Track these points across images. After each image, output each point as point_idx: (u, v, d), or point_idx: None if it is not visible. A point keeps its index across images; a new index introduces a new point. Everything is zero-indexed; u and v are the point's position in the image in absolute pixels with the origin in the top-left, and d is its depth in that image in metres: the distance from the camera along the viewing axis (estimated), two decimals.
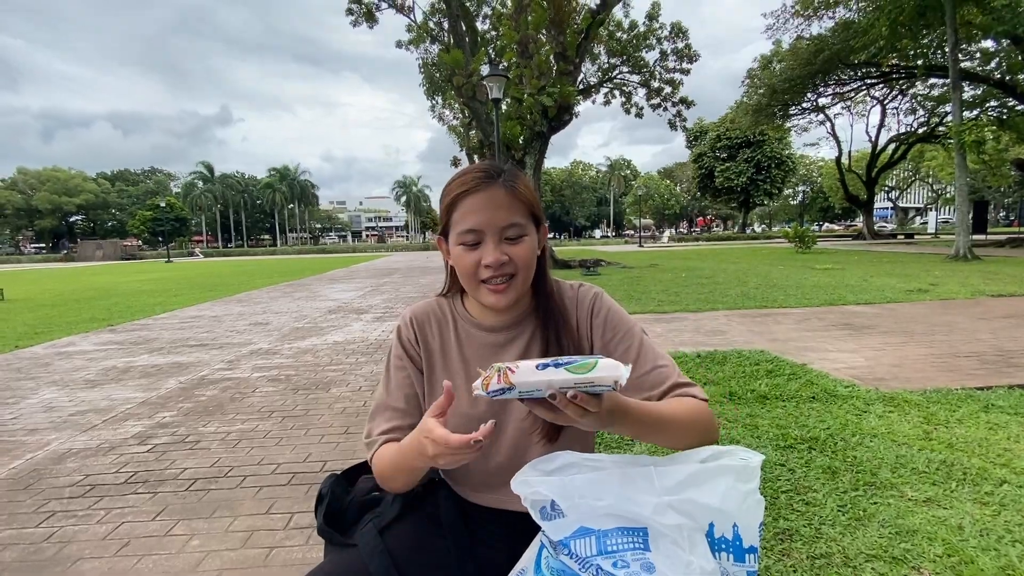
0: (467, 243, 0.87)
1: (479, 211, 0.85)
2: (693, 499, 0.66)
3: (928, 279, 9.34)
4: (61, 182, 60.93)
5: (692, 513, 0.65)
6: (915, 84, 24.20)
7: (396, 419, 0.93)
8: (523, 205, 0.87)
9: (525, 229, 0.87)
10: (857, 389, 3.27)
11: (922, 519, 1.84)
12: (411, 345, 0.97)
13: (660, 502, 0.66)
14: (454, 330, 0.98)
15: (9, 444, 2.92)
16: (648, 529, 0.66)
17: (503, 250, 0.85)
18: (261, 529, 1.98)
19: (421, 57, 20.45)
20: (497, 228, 0.85)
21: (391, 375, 0.97)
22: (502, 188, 0.86)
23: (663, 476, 0.69)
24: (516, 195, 0.86)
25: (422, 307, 1.01)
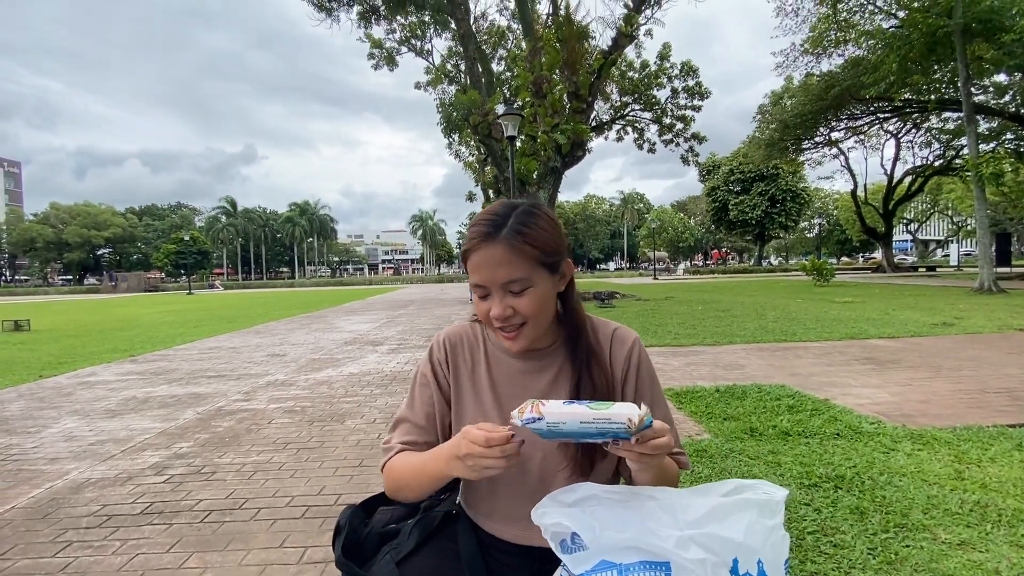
0: (478, 294, 0.90)
1: (481, 268, 0.87)
2: (716, 533, 0.65)
3: (952, 312, 9.12)
4: (91, 216, 63.29)
5: (715, 548, 0.65)
6: (929, 118, 24.26)
7: (414, 434, 0.97)
8: (528, 257, 0.86)
9: (529, 281, 0.87)
10: (883, 426, 3.17)
11: (957, 563, 1.76)
12: (441, 366, 1.00)
13: (683, 536, 0.65)
14: (484, 355, 1.00)
15: (30, 473, 2.96)
16: (671, 564, 0.65)
17: (508, 303, 0.87)
18: (275, 563, 1.96)
19: (439, 97, 21.18)
20: (498, 284, 0.86)
21: (416, 392, 1.01)
22: (501, 245, 0.85)
23: (685, 510, 0.69)
24: (518, 249, 0.85)
25: (456, 330, 1.04)
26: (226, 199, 73.56)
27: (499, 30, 19.07)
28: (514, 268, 0.86)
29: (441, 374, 1.00)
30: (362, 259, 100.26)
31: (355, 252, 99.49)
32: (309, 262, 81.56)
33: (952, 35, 13.82)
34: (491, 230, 0.86)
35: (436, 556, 0.91)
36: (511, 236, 0.86)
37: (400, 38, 16.86)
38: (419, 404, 0.99)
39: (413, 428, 0.97)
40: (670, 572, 0.65)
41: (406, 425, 0.98)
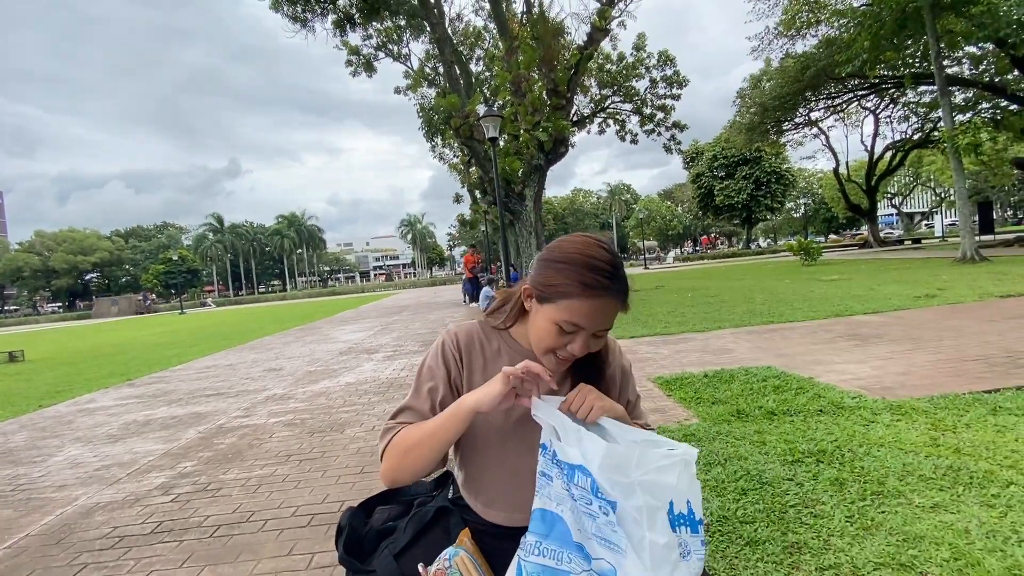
0: (563, 329, 0.93)
1: (595, 315, 0.91)
2: (657, 480, 0.75)
3: (936, 284, 9.31)
4: (77, 242, 62.68)
5: (655, 492, 0.74)
6: (905, 92, 24.55)
7: (419, 418, 1.01)
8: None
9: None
10: (864, 400, 3.30)
11: (929, 525, 1.87)
12: (453, 361, 1.04)
13: (631, 482, 0.74)
14: (496, 353, 1.07)
15: (40, 501, 3.02)
16: (617, 504, 0.74)
17: (590, 344, 0.95)
18: (284, 571, 2.04)
19: (419, 101, 21.20)
20: (598, 330, 0.94)
21: (422, 383, 1.04)
22: (615, 300, 0.92)
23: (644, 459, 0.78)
24: (623, 303, 0.94)
25: (466, 328, 1.10)
26: (213, 216, 73.11)
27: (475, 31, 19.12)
28: (614, 319, 0.95)
29: (454, 368, 1.03)
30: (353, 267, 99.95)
31: (346, 260, 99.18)
32: (300, 273, 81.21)
33: (922, 10, 14.03)
34: (612, 284, 0.91)
35: (430, 546, 1.00)
36: (625, 294, 0.94)
37: (376, 44, 16.88)
38: (425, 394, 1.02)
39: (416, 415, 1.00)
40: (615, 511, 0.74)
41: (409, 412, 1.01)
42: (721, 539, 1.92)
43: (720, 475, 2.42)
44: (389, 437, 0.98)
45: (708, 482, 2.36)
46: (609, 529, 0.72)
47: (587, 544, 0.72)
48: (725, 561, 1.78)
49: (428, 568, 0.91)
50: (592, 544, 0.72)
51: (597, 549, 0.72)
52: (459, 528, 1.03)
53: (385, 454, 0.98)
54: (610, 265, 0.91)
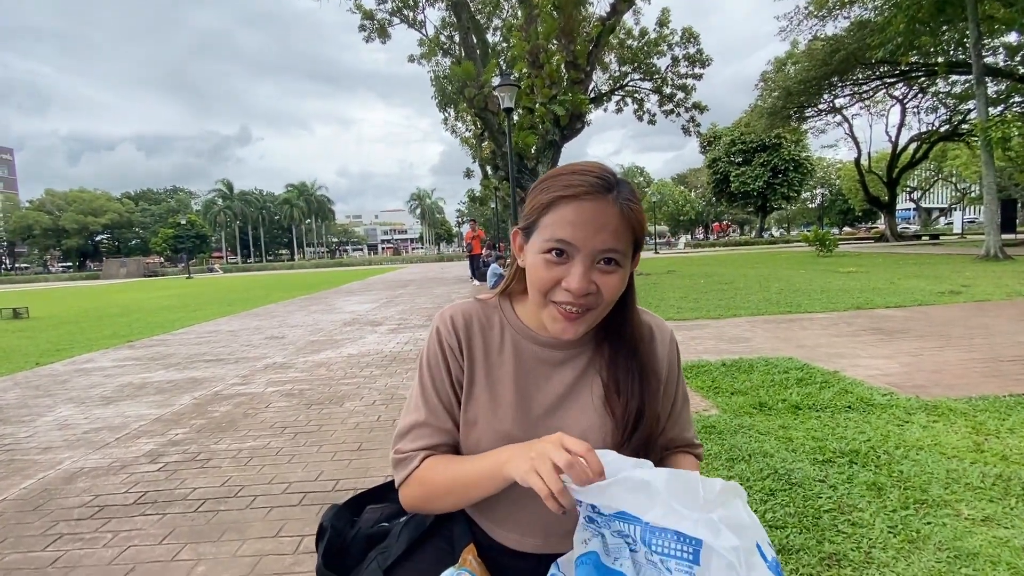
0: (553, 255, 0.74)
1: (581, 224, 0.72)
2: (735, 516, 0.57)
3: (959, 280, 9.00)
4: (87, 202, 62.82)
5: (740, 532, 0.56)
6: (936, 82, 23.68)
7: (435, 437, 0.83)
8: (631, 230, 0.76)
9: (624, 259, 0.76)
10: (896, 397, 3.09)
11: (982, 540, 1.68)
12: (452, 350, 0.85)
13: (710, 518, 0.56)
14: (500, 339, 0.86)
15: (22, 463, 2.89)
16: (703, 541, 0.56)
17: (592, 277, 0.74)
18: (270, 554, 1.89)
19: (433, 70, 20.69)
20: (594, 250, 0.73)
21: (426, 387, 0.85)
22: (615, 206, 0.73)
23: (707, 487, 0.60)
24: (627, 217, 0.74)
25: (464, 307, 0.89)
26: (222, 182, 72.90)
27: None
28: (619, 236, 0.74)
29: (453, 358, 0.85)
30: (361, 239, 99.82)
31: (354, 233, 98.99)
32: (308, 244, 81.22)
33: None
34: (602, 187, 0.73)
35: (428, 562, 0.81)
36: (624, 202, 0.74)
37: (391, 8, 16.34)
38: (433, 400, 0.84)
39: (432, 431, 0.83)
40: (699, 551, 0.57)
41: (423, 429, 0.83)
42: None
43: (745, 472, 2.23)
44: (408, 471, 0.81)
45: (731, 479, 2.18)
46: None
47: None
48: None
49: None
50: None
51: None
52: (464, 540, 0.84)
53: (405, 489, 0.82)
54: (601, 170, 0.76)
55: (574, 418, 0.82)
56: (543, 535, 0.81)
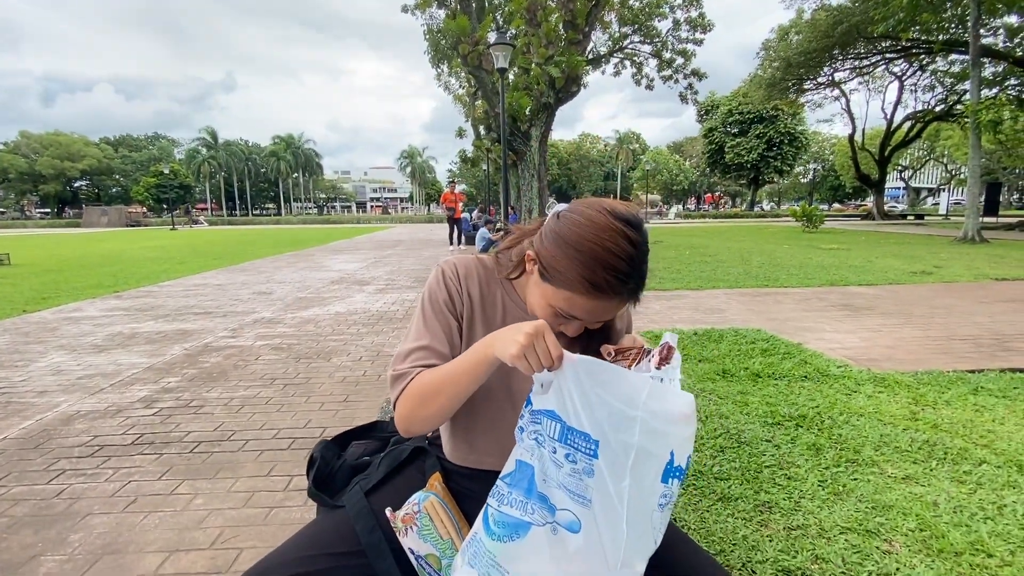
0: (559, 313, 0.84)
1: (595, 312, 0.81)
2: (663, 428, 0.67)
3: (933, 261, 9.28)
4: (63, 147, 60.63)
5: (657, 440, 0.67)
6: (935, 60, 23.49)
7: (434, 359, 0.88)
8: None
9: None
10: (850, 369, 3.31)
11: (899, 495, 1.90)
12: (455, 291, 0.93)
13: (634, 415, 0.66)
14: (496, 298, 0.97)
15: (19, 405, 3.02)
16: (600, 441, 0.66)
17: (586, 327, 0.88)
18: (262, 490, 2.06)
19: (427, 23, 19.99)
20: (598, 321, 0.86)
21: (427, 317, 0.91)
22: (624, 301, 0.82)
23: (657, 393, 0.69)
24: (635, 302, 0.84)
25: (464, 261, 0.98)
26: (206, 130, 70.48)
27: None
28: (617, 314, 0.85)
29: (457, 295, 0.93)
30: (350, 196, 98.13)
31: (342, 189, 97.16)
32: (295, 199, 79.73)
33: None
34: (622, 287, 0.78)
35: (403, 485, 0.97)
36: (636, 294, 0.82)
37: None
38: (434, 326, 0.90)
39: (430, 354, 0.88)
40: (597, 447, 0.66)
41: (421, 352, 0.88)
42: (695, 493, 1.94)
43: (700, 431, 2.44)
44: (404, 384, 0.85)
45: None
46: (575, 479, 0.67)
47: (551, 495, 0.68)
48: (697, 514, 1.81)
49: (396, 513, 0.87)
50: (557, 494, 0.68)
51: (562, 498, 0.68)
52: (432, 469, 1.00)
53: (399, 402, 0.86)
54: (628, 264, 0.77)
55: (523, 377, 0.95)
56: (500, 454, 0.96)
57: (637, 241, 0.78)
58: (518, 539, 0.68)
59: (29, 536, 1.79)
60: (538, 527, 0.68)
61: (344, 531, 0.89)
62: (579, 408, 0.68)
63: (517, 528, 0.69)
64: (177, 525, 1.83)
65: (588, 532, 0.66)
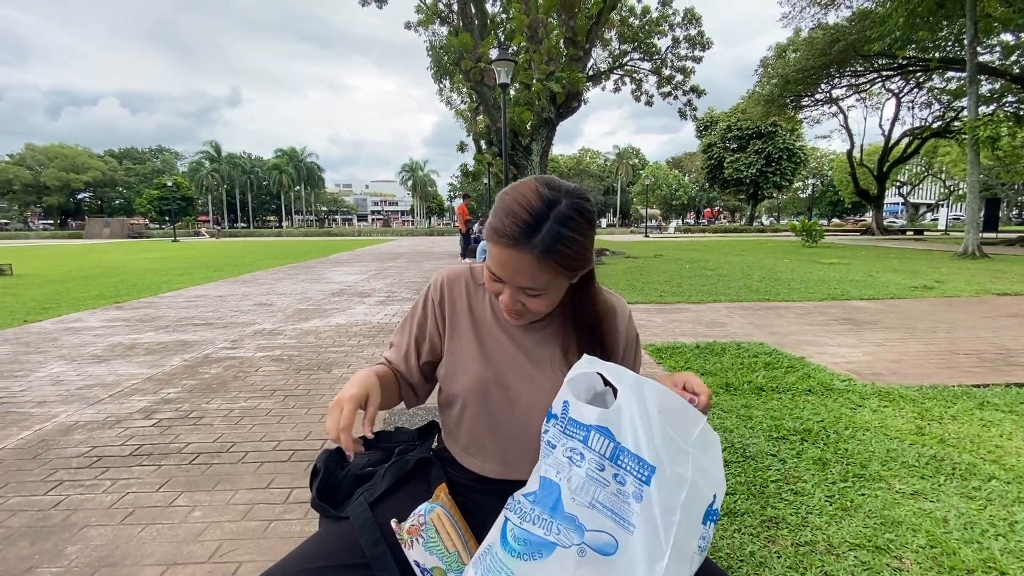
0: (491, 277, 0.87)
1: (503, 265, 0.82)
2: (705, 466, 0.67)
3: (934, 276, 9.29)
4: (68, 159, 61.10)
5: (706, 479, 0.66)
6: (932, 77, 23.78)
7: (395, 357, 1.06)
8: (552, 271, 0.82)
9: (547, 287, 0.84)
10: (854, 383, 3.29)
11: (908, 511, 1.87)
12: (433, 303, 1.03)
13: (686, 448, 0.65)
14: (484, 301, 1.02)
15: (18, 415, 2.99)
16: (658, 469, 0.64)
17: (519, 299, 0.86)
18: (261, 503, 2.03)
19: (429, 40, 20.28)
20: (515, 285, 0.84)
21: (407, 321, 1.06)
22: (529, 256, 0.79)
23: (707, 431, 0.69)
24: (546, 262, 0.80)
25: (457, 272, 1.06)
26: (210, 143, 71.13)
27: None
28: (536, 279, 0.82)
29: (432, 310, 1.03)
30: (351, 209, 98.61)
31: (344, 202, 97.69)
32: (297, 211, 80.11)
33: None
34: (523, 236, 0.78)
35: (408, 497, 0.95)
36: (543, 251, 0.79)
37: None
38: (406, 333, 1.05)
39: (396, 353, 1.06)
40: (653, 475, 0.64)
41: (393, 350, 1.07)
42: None
43: None
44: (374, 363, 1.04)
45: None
46: (620, 501, 0.65)
47: (582, 514, 0.66)
48: None
49: (402, 524, 0.86)
50: (590, 514, 0.65)
51: (597, 519, 0.65)
52: (438, 480, 0.98)
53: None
54: (528, 213, 0.78)
55: (528, 378, 0.96)
56: (502, 461, 0.96)
57: (547, 197, 0.80)
58: (540, 559, 0.66)
59: (26, 547, 1.76)
60: (563, 548, 0.66)
61: (348, 542, 0.87)
62: (639, 431, 0.65)
63: (540, 547, 0.66)
64: (175, 538, 1.81)
65: (624, 557, 0.64)
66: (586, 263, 0.87)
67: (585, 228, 0.83)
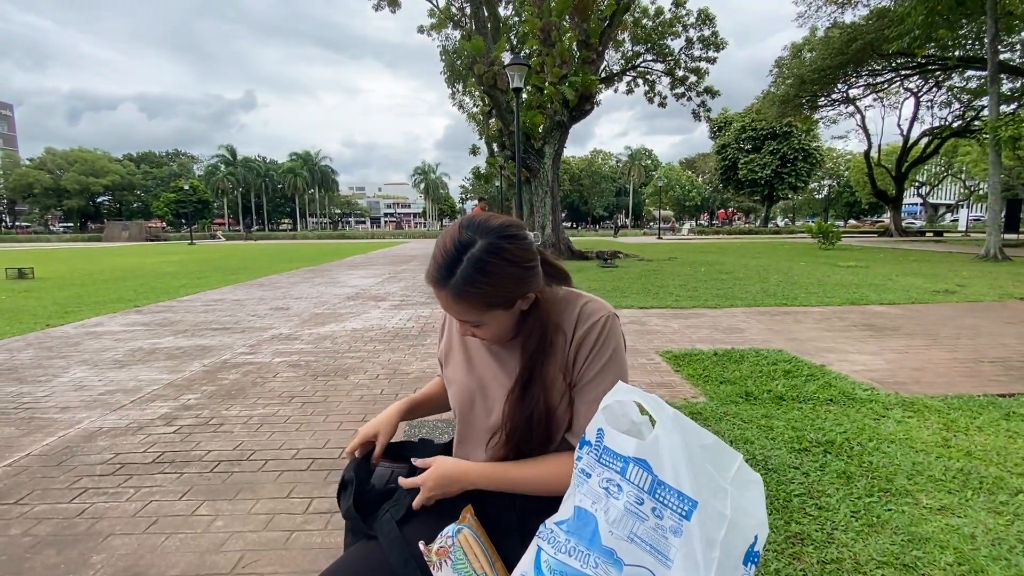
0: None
1: (439, 301, 0.88)
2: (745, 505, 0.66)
3: (955, 280, 9.10)
4: (88, 163, 62.30)
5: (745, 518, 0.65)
6: (951, 76, 23.34)
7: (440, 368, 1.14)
8: (476, 306, 0.85)
9: (484, 319, 0.87)
10: (877, 393, 3.23)
11: (935, 527, 1.83)
12: (445, 318, 1.12)
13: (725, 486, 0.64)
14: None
15: (42, 421, 3.05)
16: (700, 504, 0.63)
17: (468, 329, 0.92)
18: (282, 513, 2.05)
19: (442, 43, 20.38)
20: (455, 317, 0.91)
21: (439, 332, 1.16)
22: (447, 294, 0.84)
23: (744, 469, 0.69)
24: (465, 302, 0.84)
25: None
26: (225, 147, 72.11)
27: None
28: (465, 315, 0.87)
29: (444, 322, 1.13)
30: (364, 212, 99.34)
31: (357, 204, 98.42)
32: (311, 214, 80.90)
33: None
34: (441, 279, 0.84)
35: (434, 516, 0.95)
36: (457, 290, 0.83)
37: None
38: (439, 345, 1.14)
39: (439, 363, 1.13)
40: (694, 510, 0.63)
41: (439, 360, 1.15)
42: None
43: None
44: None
45: None
46: (658, 535, 0.64)
47: (620, 548, 0.65)
48: None
49: (430, 546, 0.86)
50: (629, 548, 0.64)
51: (635, 553, 0.64)
52: (464, 501, 0.98)
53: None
54: (445, 256, 0.84)
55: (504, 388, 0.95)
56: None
57: (462, 241, 0.84)
58: None
59: (52, 556, 1.79)
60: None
61: (374, 562, 0.88)
62: (681, 465, 0.64)
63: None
64: (198, 548, 1.83)
65: None
66: (516, 294, 0.87)
67: (502, 267, 0.83)
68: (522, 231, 0.89)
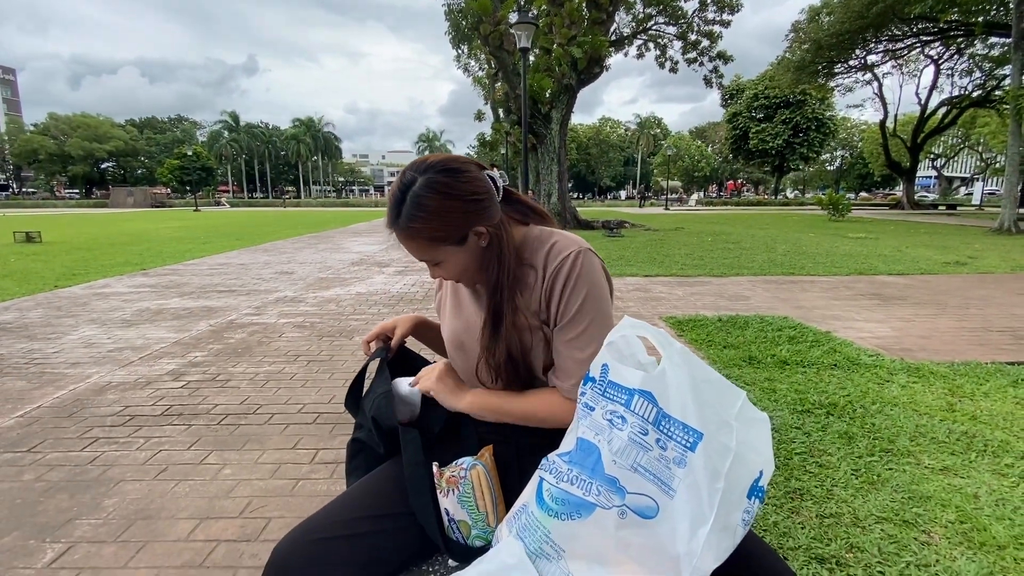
0: None
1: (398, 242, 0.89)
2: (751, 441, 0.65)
3: (967, 252, 8.97)
4: (91, 128, 61.73)
5: (749, 454, 0.65)
6: (974, 43, 22.45)
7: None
8: (424, 242, 0.86)
9: (437, 257, 0.89)
10: (882, 359, 3.22)
11: (937, 486, 1.84)
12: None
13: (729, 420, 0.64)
14: None
15: (53, 376, 3.10)
16: (705, 436, 0.62)
17: (434, 270, 0.93)
18: (288, 462, 2.08)
19: (448, 3, 19.74)
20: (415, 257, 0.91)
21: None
22: (397, 232, 0.86)
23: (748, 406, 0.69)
24: (413, 239, 0.86)
25: None
26: (228, 113, 71.15)
27: None
28: (416, 251, 0.88)
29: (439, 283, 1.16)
30: (368, 180, 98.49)
31: (360, 172, 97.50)
32: (314, 181, 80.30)
33: None
34: (391, 218, 0.86)
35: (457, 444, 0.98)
36: (403, 228, 0.85)
37: None
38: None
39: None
40: (699, 441, 0.62)
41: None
42: None
43: None
44: None
45: None
46: (662, 465, 0.63)
47: (623, 477, 0.64)
48: None
49: (443, 471, 0.87)
50: (632, 477, 0.64)
51: (638, 482, 0.63)
52: (488, 440, 0.97)
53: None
54: (393, 196, 0.87)
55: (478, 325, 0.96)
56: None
57: (406, 179, 0.85)
58: (579, 519, 0.65)
59: (65, 500, 1.83)
60: (604, 509, 0.64)
61: (385, 492, 0.90)
62: (687, 398, 0.64)
63: (579, 508, 0.65)
64: (207, 493, 1.86)
65: (665, 521, 0.62)
66: (459, 229, 0.86)
67: (440, 200, 0.83)
68: (465, 165, 0.88)
